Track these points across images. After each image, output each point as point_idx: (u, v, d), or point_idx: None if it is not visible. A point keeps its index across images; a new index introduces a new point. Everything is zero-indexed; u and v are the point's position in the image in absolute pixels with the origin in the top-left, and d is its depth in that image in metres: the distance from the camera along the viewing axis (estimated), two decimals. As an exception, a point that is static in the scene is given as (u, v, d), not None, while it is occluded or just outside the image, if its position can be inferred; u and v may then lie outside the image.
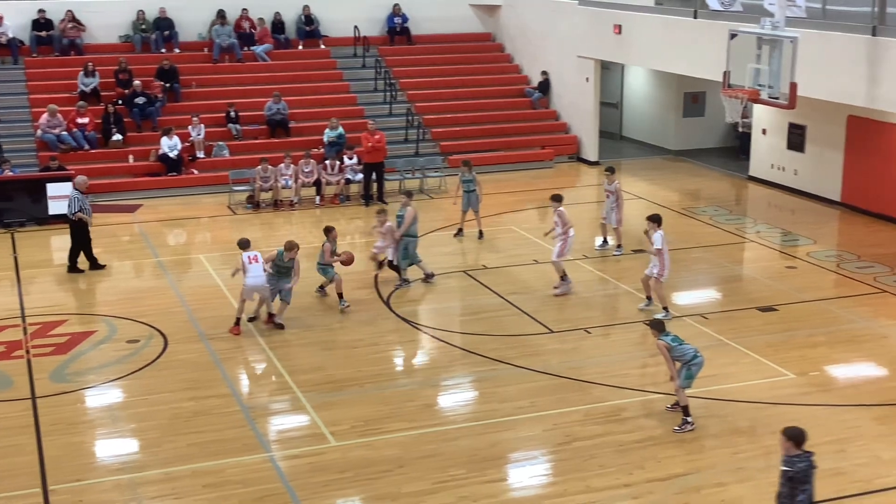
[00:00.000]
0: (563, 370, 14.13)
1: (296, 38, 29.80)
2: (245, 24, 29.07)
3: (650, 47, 24.65)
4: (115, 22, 28.35)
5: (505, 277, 18.04)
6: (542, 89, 29.29)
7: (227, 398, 13.35)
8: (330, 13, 30.03)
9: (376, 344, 15.30)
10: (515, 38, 30.95)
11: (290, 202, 23.45)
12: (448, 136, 27.61)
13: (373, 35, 30.23)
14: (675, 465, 11.51)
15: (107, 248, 20.23)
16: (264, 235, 21.39)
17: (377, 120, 25.73)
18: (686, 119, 29.25)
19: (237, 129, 26.13)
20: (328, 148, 25.09)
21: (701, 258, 19.29)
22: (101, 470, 11.63)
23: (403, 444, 12.04)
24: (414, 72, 29.62)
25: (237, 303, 15.75)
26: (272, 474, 11.39)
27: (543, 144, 28.12)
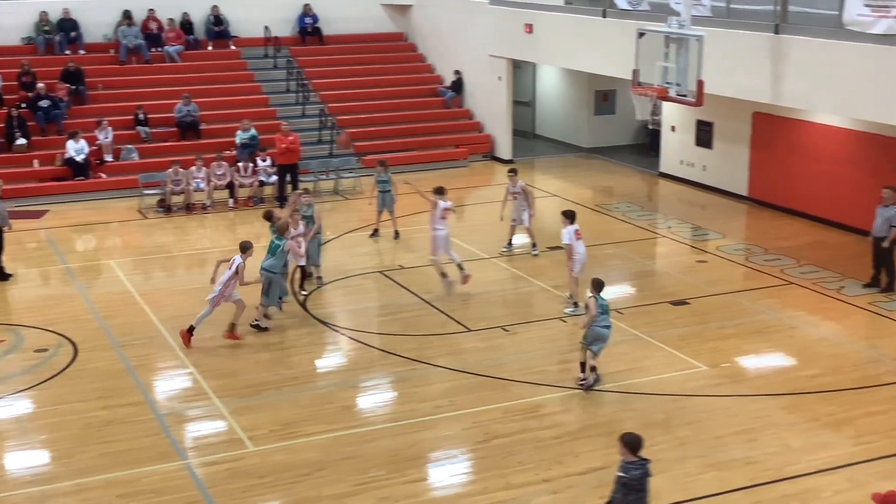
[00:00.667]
0: (481, 368, 14.19)
1: (205, 39, 29.39)
2: (152, 25, 28.57)
3: (561, 46, 24.89)
4: (17, 23, 27.61)
5: (421, 277, 18.05)
6: (455, 88, 29.38)
7: (140, 406, 13.11)
8: (239, 13, 29.70)
9: (293, 346, 15.17)
10: (427, 38, 31.00)
11: (202, 205, 23.12)
12: (362, 136, 27.51)
13: (284, 35, 29.98)
14: (593, 459, 11.64)
15: (13, 256, 19.68)
16: (177, 240, 21.07)
17: (290, 121, 25.52)
18: (597, 117, 29.64)
19: (146, 131, 25.66)
20: (241, 150, 24.80)
21: (614, 254, 19.56)
22: (10, 483, 11.31)
23: (323, 447, 11.96)
24: (326, 72, 29.46)
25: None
26: (189, 482, 11.21)
27: (457, 143, 28.22)
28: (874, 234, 17.01)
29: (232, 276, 15.01)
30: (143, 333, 15.58)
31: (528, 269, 18.49)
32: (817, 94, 17.97)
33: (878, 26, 16.19)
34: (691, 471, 11.39)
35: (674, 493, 10.90)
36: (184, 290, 17.69)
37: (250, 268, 15.32)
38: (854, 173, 20.53)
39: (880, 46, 16.33)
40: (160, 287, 18.13)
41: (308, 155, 25.37)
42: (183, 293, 17.44)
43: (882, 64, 16.35)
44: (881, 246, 16.95)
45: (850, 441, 12.04)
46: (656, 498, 10.76)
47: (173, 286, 18.12)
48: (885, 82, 16.35)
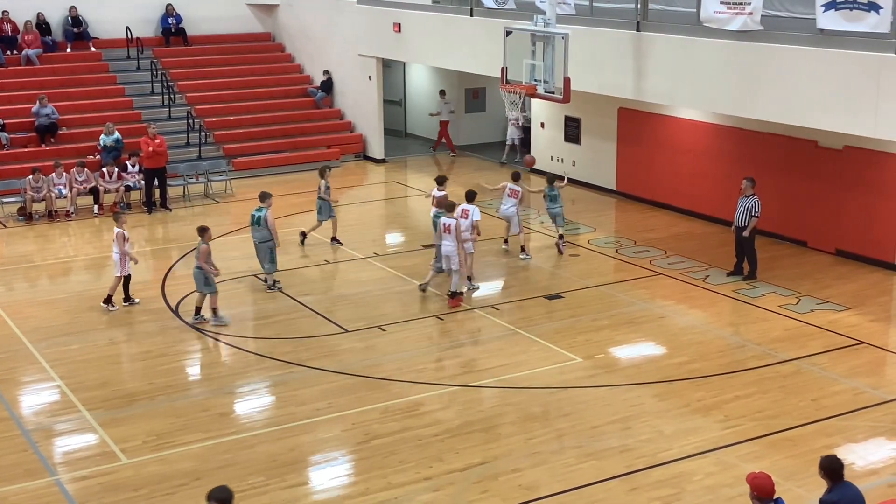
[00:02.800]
0: (359, 369, 14.13)
1: (63, 41, 28.44)
2: (7, 27, 27.48)
3: (429, 45, 24.99)
4: None
5: (297, 279, 17.87)
6: (325, 88, 29.19)
7: (5, 422, 12.61)
8: (99, 14, 28.84)
9: (165, 354, 14.82)
10: (295, 38, 30.70)
11: (65, 212, 22.36)
12: (231, 138, 27.08)
13: (147, 36, 29.27)
14: (473, 455, 11.72)
15: None
16: (39, 248, 20.33)
17: (156, 124, 24.88)
18: (468, 115, 29.87)
19: (5, 137, 24.69)
20: (105, 154, 24.08)
21: (488, 250, 19.73)
22: None
23: (199, 456, 11.72)
24: (192, 73, 28.88)
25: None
26: (60, 498, 10.84)
27: (329, 144, 28.05)
28: (735, 223, 17.61)
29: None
30: (6, 347, 14.99)
31: (404, 269, 18.49)
32: (678, 90, 18.51)
33: (733, 23, 16.76)
34: (570, 461, 11.59)
35: (553, 484, 11.07)
36: (48, 300, 17.10)
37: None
38: (715, 166, 21.21)
39: (736, 42, 16.92)
40: (22, 298, 17.47)
41: (176, 158, 24.82)
42: (47, 303, 16.85)
43: (738, 59, 16.94)
44: (742, 235, 17.56)
45: (719, 425, 12.44)
46: (536, 489, 10.95)
47: (36, 296, 17.48)
48: (741, 77, 16.95)
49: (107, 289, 16.62)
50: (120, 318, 15.97)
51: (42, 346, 14.96)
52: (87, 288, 17.74)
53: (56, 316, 16.09)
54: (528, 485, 11.08)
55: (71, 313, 16.36)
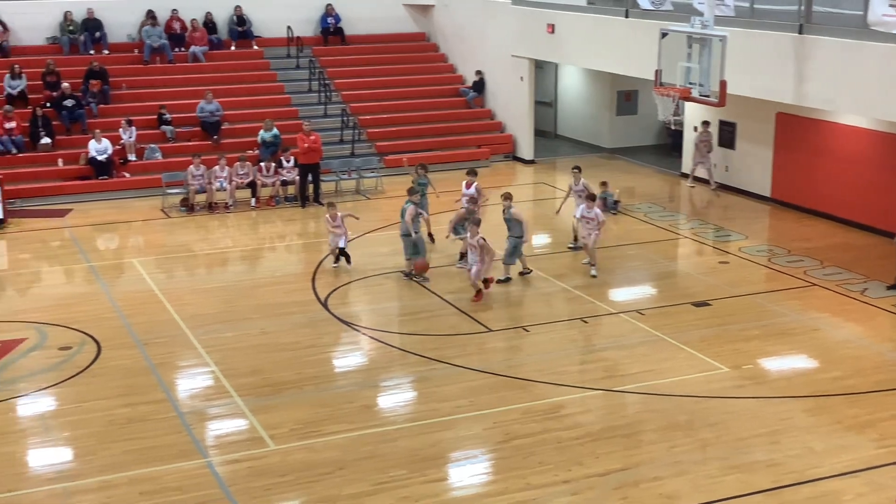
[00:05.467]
0: (501, 368, 14.18)
1: (228, 39, 29.51)
2: (176, 25, 28.70)
3: (583, 46, 24.84)
4: (42, 23, 27.79)
5: (442, 277, 18.05)
6: (476, 88, 29.37)
7: (163, 404, 13.17)
8: (262, 14, 29.79)
9: (314, 346, 15.20)
10: (449, 38, 31.00)
11: (224, 204, 23.21)
12: (384, 136, 27.56)
13: (306, 35, 30.06)
14: (614, 461, 11.61)
15: (36, 254, 19.88)
16: (199, 238, 21.16)
17: (312, 121, 25.57)
18: (619, 117, 29.55)
19: (170, 130, 25.79)
20: (263, 149, 24.89)
21: (636, 255, 19.50)
22: (34, 480, 11.39)
23: (343, 446, 11.99)
24: (348, 72, 29.50)
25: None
26: (210, 480, 11.26)
27: (479, 144, 28.20)
28: (898, 235, 16.88)
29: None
30: (166, 332, 15.66)
31: (549, 270, 18.45)
32: (841, 95, 17.86)
33: (903, 27, 16.08)
34: (713, 473, 11.35)
35: (696, 495, 10.86)
36: (206, 288, 17.78)
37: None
38: (878, 174, 20.38)
39: (906, 47, 16.23)
40: (182, 286, 18.21)
41: (330, 155, 25.42)
42: (205, 292, 17.52)
43: (907, 64, 16.24)
44: (905, 248, 16.82)
45: (873, 444, 11.96)
46: (677, 499, 10.76)
47: (195, 285, 18.20)
48: (910, 83, 16.24)
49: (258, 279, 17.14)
50: (272, 309, 16.46)
51: (198, 333, 15.56)
52: (242, 278, 18.37)
53: (212, 304, 16.70)
54: (669, 494, 10.91)
55: (226, 302, 16.96)
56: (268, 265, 19.48)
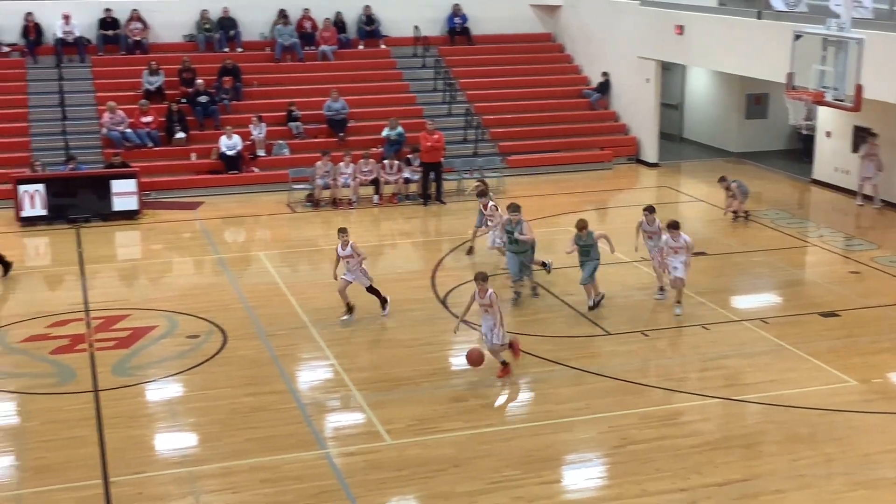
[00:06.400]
0: (619, 372, 14.04)
1: (357, 38, 29.97)
2: (307, 24, 29.31)
3: (712, 48, 24.39)
4: (180, 21, 28.74)
5: (561, 278, 17.96)
6: (601, 90, 29.14)
7: (284, 394, 13.48)
8: (390, 13, 30.15)
9: (432, 343, 15.32)
10: (575, 39, 30.82)
11: (348, 201, 23.58)
12: (507, 136, 27.58)
13: (433, 35, 30.30)
14: (733, 471, 11.37)
15: (168, 245, 20.56)
16: (323, 234, 21.55)
17: (436, 120, 25.77)
18: (748, 121, 28.89)
19: (299, 127, 26.35)
20: (387, 147, 25.21)
21: (762, 262, 19.05)
22: (160, 463, 11.80)
23: (458, 444, 12.05)
24: (473, 72, 29.62)
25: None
26: (328, 471, 11.47)
27: (602, 146, 27.97)
28: None
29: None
30: (289, 324, 16.00)
31: (672, 275, 18.16)
32: None
33: None
34: (838, 488, 11.01)
35: (817, 510, 10.57)
36: (329, 283, 18.07)
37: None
38: None
39: None
40: (306, 279, 18.58)
41: (452, 154, 25.57)
42: (328, 286, 17.81)
43: None
44: None
45: None
46: (798, 514, 10.48)
47: (318, 279, 18.53)
48: None
49: (379, 275, 17.33)
50: (392, 305, 16.60)
51: (320, 326, 15.86)
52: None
53: (334, 298, 16.95)
54: (789, 508, 10.64)
55: (348, 296, 17.22)
56: (389, 262, 19.71)
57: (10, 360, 14.64)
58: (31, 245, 21.17)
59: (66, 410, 12.94)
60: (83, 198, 22.31)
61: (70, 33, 27.38)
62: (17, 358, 14.73)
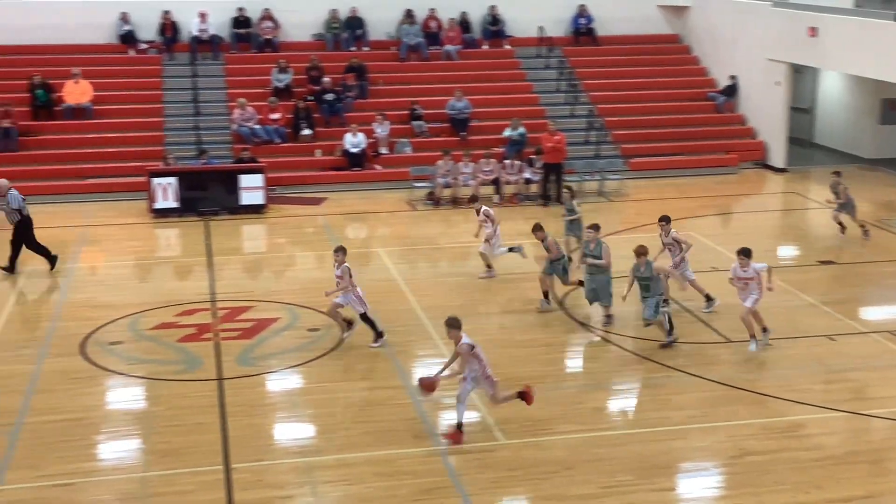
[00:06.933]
0: (738, 381, 13.76)
1: (481, 38, 30.09)
2: (432, 24, 29.56)
3: (847, 51, 23.67)
4: (309, 20, 29.34)
5: (681, 284, 17.68)
6: (728, 93, 28.56)
7: (400, 390, 13.64)
8: (515, 13, 30.16)
9: (550, 345, 15.29)
10: (703, 40, 30.28)
11: (469, 200, 23.67)
12: (630, 138, 27.29)
13: (557, 35, 30.18)
14: (856, 487, 11.03)
15: (292, 239, 21.02)
16: (442, 232, 21.71)
17: (558, 121, 25.69)
18: (883, 126, 27.92)
19: (421, 126, 26.60)
20: (509, 147, 25.24)
21: (893, 272, 18.39)
22: (279, 452, 12.10)
23: (572, 447, 12.01)
24: (598, 73, 29.40)
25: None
26: (441, 467, 11.56)
27: (728, 150, 27.42)
28: None
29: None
30: (406, 321, 16.18)
31: (795, 283, 17.71)
32: None
33: None
34: (967, 511, 10.58)
35: (945, 532, 10.17)
36: (446, 281, 18.22)
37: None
38: None
39: None
40: (424, 277, 18.75)
41: (574, 155, 25.44)
42: (445, 285, 17.97)
43: None
44: None
45: None
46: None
47: (436, 277, 18.69)
48: None
49: (498, 275, 17.37)
50: (510, 306, 16.66)
51: (437, 323, 15.95)
52: (482, 273, 18.68)
53: (451, 296, 17.10)
54: (915, 528, 10.28)
55: (465, 296, 17.33)
56: (507, 262, 19.69)
57: (140, 347, 15.20)
58: (163, 236, 21.95)
59: (192, 397, 13.37)
60: (213, 191, 23.00)
61: (205, 31, 28.26)
62: (147, 345, 15.28)
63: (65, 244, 20.21)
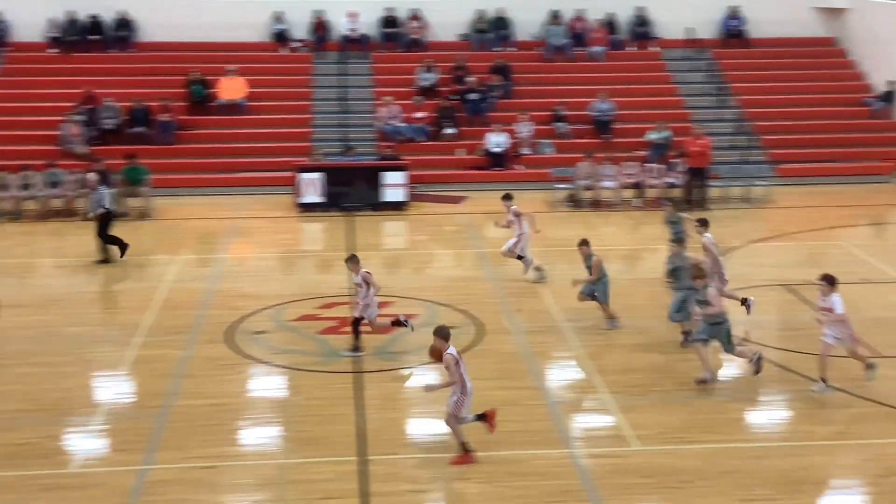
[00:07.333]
0: (890, 399, 13.20)
1: (627, 39, 29.77)
2: (578, 25, 29.41)
3: None
4: (456, 20, 29.58)
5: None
6: (886, 99, 27.45)
7: (534, 391, 13.62)
8: (664, 14, 29.73)
9: (689, 351, 15.00)
10: (861, 44, 29.19)
11: (609, 203, 23.48)
12: (779, 143, 26.56)
13: (707, 37, 29.58)
14: None
15: (432, 236, 21.25)
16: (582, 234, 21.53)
17: (704, 124, 25.20)
18: None
19: (564, 127, 26.49)
20: (652, 150, 24.89)
21: None
22: (414, 446, 12.24)
23: (708, 457, 11.76)
24: (748, 76, 28.72)
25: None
26: (573, 471, 11.49)
27: (883, 157, 26.36)
28: None
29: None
30: (543, 322, 16.15)
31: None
32: None
33: None
34: None
35: None
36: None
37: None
38: None
39: None
40: (562, 278, 18.62)
41: (719, 160, 24.89)
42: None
43: None
44: None
45: None
46: None
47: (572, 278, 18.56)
48: None
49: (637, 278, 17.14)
50: (650, 310, 16.42)
51: (574, 326, 15.88)
52: (621, 276, 18.44)
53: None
54: None
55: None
56: (647, 266, 19.47)
57: (282, 337, 15.63)
58: (308, 230, 22.52)
59: (330, 388, 13.66)
60: (357, 188, 23.43)
61: (354, 30, 28.84)
62: (289, 335, 15.69)
63: (214, 235, 20.95)
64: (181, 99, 26.72)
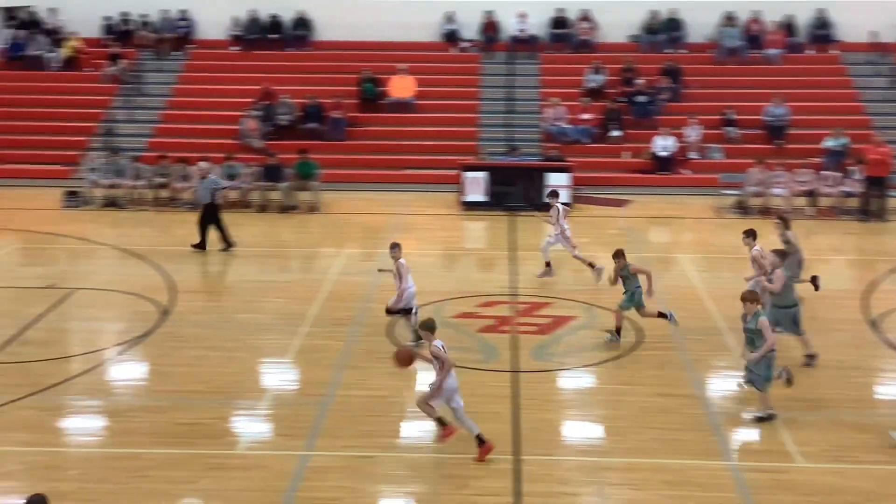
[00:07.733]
0: None
1: (806, 42, 28.77)
2: (754, 27, 28.62)
3: None
4: (627, 21, 29.25)
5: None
6: None
7: (692, 399, 13.36)
8: (846, 17, 28.59)
9: (859, 367, 14.43)
10: None
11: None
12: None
13: (891, 41, 28.27)
14: None
15: (593, 239, 21.07)
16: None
17: (885, 132, 24.13)
18: None
19: (734, 132, 25.84)
20: (829, 157, 23.98)
21: None
22: (568, 449, 12.20)
23: (879, 478, 11.26)
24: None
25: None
26: (732, 484, 11.22)
27: None
28: None
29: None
30: (704, 330, 15.81)
31: None
32: None
33: None
34: None
35: None
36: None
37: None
38: None
39: None
40: (727, 287, 18.16)
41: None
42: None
43: None
44: None
45: None
46: None
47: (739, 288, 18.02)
48: None
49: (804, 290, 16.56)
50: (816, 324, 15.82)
51: (736, 335, 15.39)
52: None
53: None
54: None
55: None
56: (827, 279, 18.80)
57: (441, 334, 15.67)
58: (470, 228, 22.72)
59: (487, 386, 13.74)
60: (520, 187, 23.48)
61: (524, 31, 28.92)
62: (448, 332, 15.81)
63: (379, 231, 21.39)
64: (353, 97, 27.38)
